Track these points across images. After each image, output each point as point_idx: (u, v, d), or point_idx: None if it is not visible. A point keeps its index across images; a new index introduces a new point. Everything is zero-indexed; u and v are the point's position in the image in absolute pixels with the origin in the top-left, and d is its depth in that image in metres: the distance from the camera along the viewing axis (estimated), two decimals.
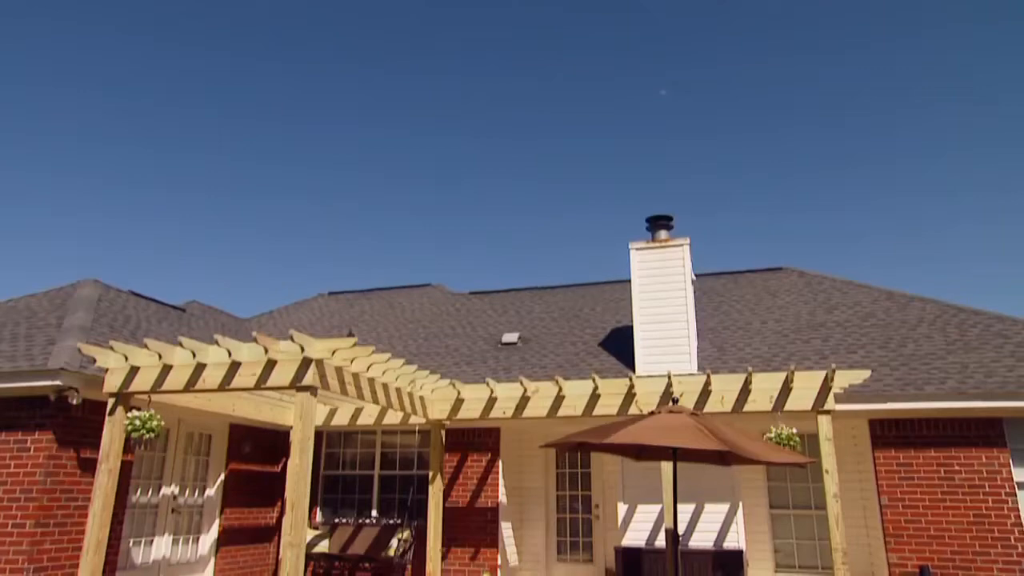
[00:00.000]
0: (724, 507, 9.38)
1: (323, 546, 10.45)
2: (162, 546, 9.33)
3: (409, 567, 10.47)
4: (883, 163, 38.19)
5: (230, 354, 7.26)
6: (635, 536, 9.51)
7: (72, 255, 42.12)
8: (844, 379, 8.12)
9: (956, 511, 8.53)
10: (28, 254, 42.28)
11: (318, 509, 11.42)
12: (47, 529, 7.42)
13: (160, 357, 7.46)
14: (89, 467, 7.87)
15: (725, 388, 8.57)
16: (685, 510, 9.38)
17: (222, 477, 10.41)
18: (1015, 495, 8.40)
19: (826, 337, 11.11)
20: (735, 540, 9.17)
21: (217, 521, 10.26)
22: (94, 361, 7.71)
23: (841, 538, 7.71)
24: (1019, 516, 8.32)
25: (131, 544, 8.84)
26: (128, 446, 7.65)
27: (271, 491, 11.35)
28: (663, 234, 11.45)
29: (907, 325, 11.08)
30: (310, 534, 10.37)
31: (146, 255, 44.21)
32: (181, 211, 44.24)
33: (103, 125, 39.76)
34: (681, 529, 9.38)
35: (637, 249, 11.39)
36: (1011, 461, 8.53)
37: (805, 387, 8.24)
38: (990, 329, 10.40)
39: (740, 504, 9.41)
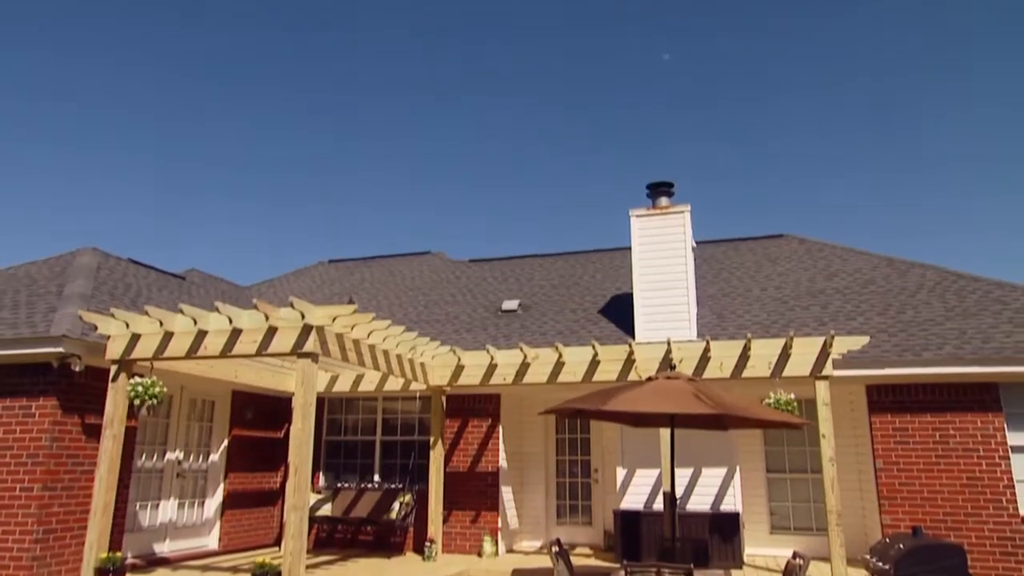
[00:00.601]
0: (722, 471, 9.50)
1: (326, 510, 10.62)
2: (168, 509, 9.48)
3: (411, 530, 10.65)
4: (884, 134, 37.85)
5: (231, 321, 7.30)
6: (633, 500, 9.66)
7: (69, 223, 42.01)
8: (843, 345, 8.17)
9: (949, 474, 8.65)
10: (24, 222, 42.17)
11: (321, 474, 11.58)
12: (55, 492, 7.54)
13: (161, 324, 7.49)
14: (94, 433, 7.96)
15: (724, 354, 8.63)
16: (683, 474, 9.51)
17: (225, 443, 10.54)
18: (1008, 458, 8.50)
19: (825, 304, 11.14)
20: (732, 503, 9.31)
21: (221, 485, 10.41)
22: (95, 328, 7.75)
23: (836, 500, 7.83)
24: (1011, 478, 8.44)
25: (137, 507, 8.99)
26: (132, 412, 7.73)
27: (274, 456, 11.49)
28: (664, 201, 11.40)
29: (906, 292, 11.10)
30: (313, 498, 10.52)
31: (144, 224, 44.09)
32: (179, 180, 44.00)
33: (103, 94, 39.33)
34: (679, 492, 9.52)
35: (638, 216, 11.35)
36: (1006, 425, 8.62)
37: (804, 353, 8.30)
38: (989, 295, 10.42)
39: (737, 468, 9.53)
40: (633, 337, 10.75)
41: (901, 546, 5.46)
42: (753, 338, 8.53)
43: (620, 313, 11.90)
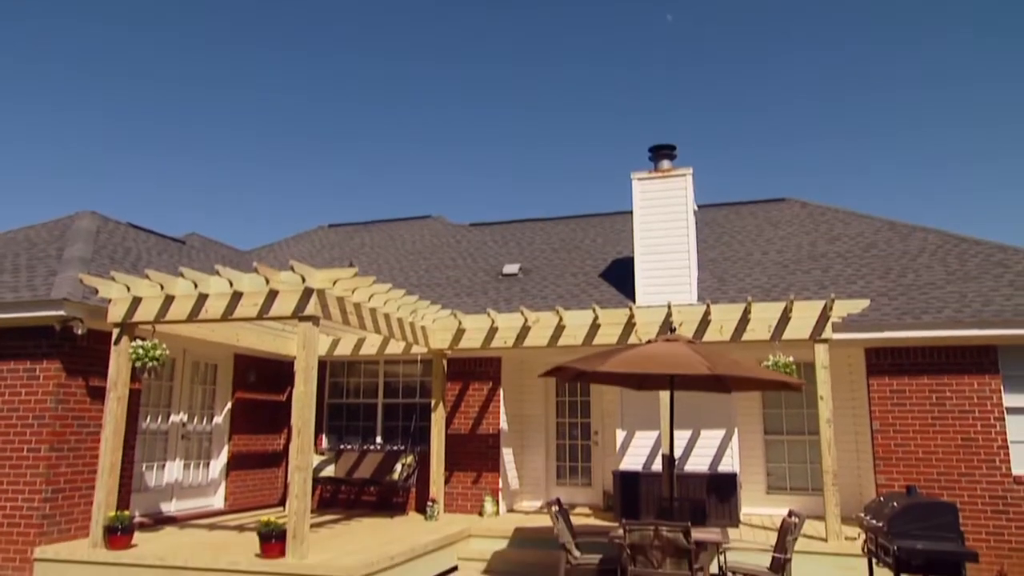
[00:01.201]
0: (720, 433, 9.61)
1: (329, 471, 10.78)
2: (174, 470, 9.62)
3: (413, 490, 10.82)
4: (889, 90, 37.34)
5: (231, 285, 7.31)
6: (633, 461, 9.79)
7: (66, 187, 41.78)
8: (843, 309, 8.19)
9: (945, 435, 8.75)
10: (19, 186, 41.94)
11: (323, 436, 11.72)
12: (62, 453, 7.64)
13: (162, 288, 7.51)
14: (98, 395, 8.04)
15: (724, 318, 8.66)
16: (682, 436, 9.62)
17: (229, 405, 10.64)
18: (1003, 420, 8.59)
19: (826, 268, 11.13)
20: (729, 464, 9.44)
21: (226, 447, 10.55)
22: (96, 292, 7.77)
23: (832, 461, 7.95)
24: (1006, 439, 8.54)
25: (144, 468, 9.12)
26: (135, 375, 7.80)
27: (277, 419, 11.62)
28: (666, 164, 11.32)
29: (908, 255, 11.09)
30: (316, 459, 10.67)
31: (142, 188, 43.86)
32: (177, 144, 43.64)
33: (101, 57, 38.75)
34: (678, 454, 9.64)
35: (639, 179, 11.28)
36: (1002, 387, 8.69)
37: (804, 316, 8.33)
38: (991, 259, 10.41)
39: (736, 430, 9.64)
40: (634, 301, 10.78)
41: (895, 504, 5.55)
42: (753, 302, 8.55)
43: (621, 277, 11.91)
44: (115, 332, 7.73)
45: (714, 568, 7.33)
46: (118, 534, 7.27)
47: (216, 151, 44.67)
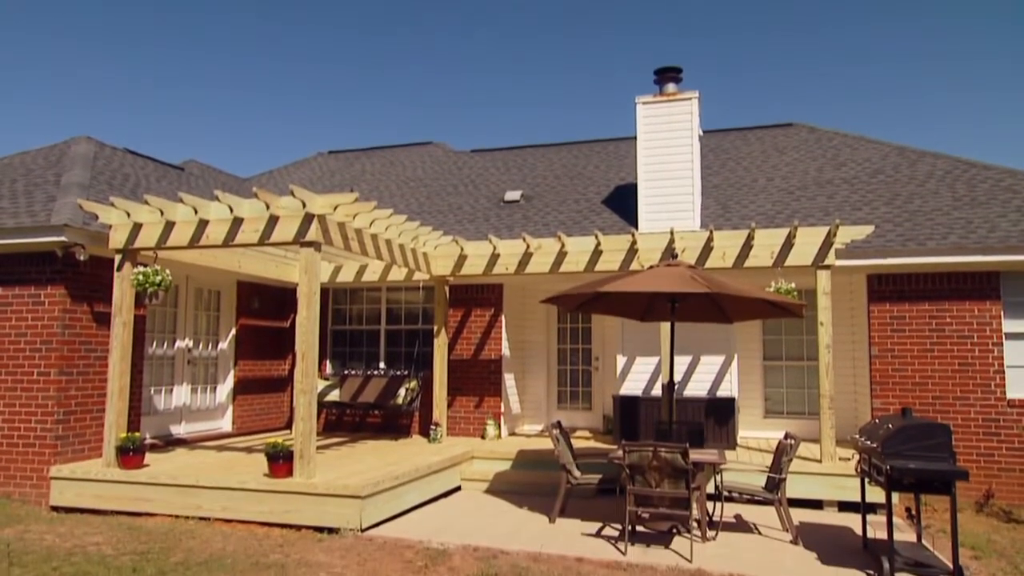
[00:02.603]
0: (719, 359, 9.73)
1: (334, 395, 10.98)
2: (182, 394, 9.81)
3: (417, 414, 11.06)
4: (908, 17, 36.01)
5: (231, 210, 7.25)
6: (633, 386, 9.95)
7: (59, 114, 40.99)
8: (847, 235, 8.13)
9: (942, 360, 8.84)
10: (12, 111, 41.17)
11: (327, 362, 11.89)
12: (71, 377, 7.77)
13: (162, 214, 7.46)
14: (104, 320, 8.11)
15: (727, 244, 8.62)
16: (682, 362, 9.74)
17: (233, 331, 10.75)
18: (1001, 344, 8.66)
19: (832, 194, 11.00)
20: (728, 389, 9.59)
21: (232, 372, 10.72)
22: (96, 218, 7.72)
23: (830, 386, 8.06)
24: (1002, 364, 8.63)
25: (152, 392, 9.29)
26: (139, 301, 7.84)
27: (281, 345, 11.76)
28: (671, 87, 11.03)
29: (915, 181, 10.94)
30: (321, 384, 10.86)
31: (138, 114, 43.03)
32: (173, 70, 42.53)
33: None
34: (677, 379, 9.78)
35: (644, 103, 11.02)
36: (1003, 313, 8.72)
37: (807, 243, 8.28)
38: (1000, 184, 10.27)
39: (735, 356, 9.75)
40: (636, 227, 10.71)
41: (890, 426, 5.66)
42: (757, 228, 8.48)
43: (623, 204, 11.80)
44: (117, 258, 7.73)
45: (711, 488, 7.55)
46: (130, 454, 7.47)
47: (213, 77, 43.62)
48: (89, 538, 6.36)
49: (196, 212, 7.35)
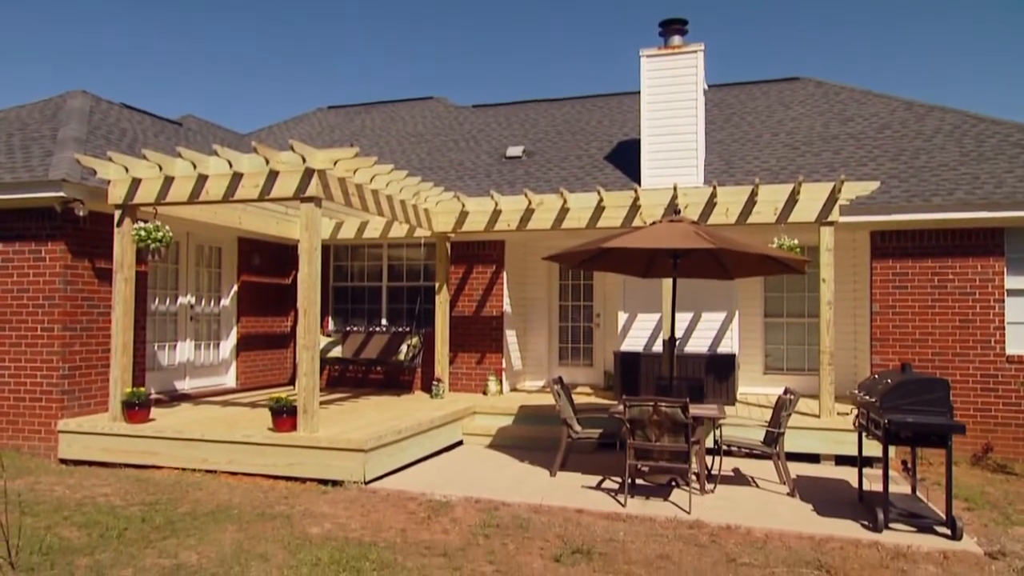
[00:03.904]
0: (721, 316, 9.74)
1: (336, 351, 11.05)
2: (185, 350, 9.87)
3: (419, 370, 11.14)
4: None
5: (231, 165, 7.19)
6: (634, 342, 9.99)
7: (51, 68, 40.33)
8: (851, 191, 8.06)
9: (943, 316, 8.85)
10: (6, 65, 40.53)
11: (329, 318, 11.93)
12: (75, 333, 7.81)
13: (160, 169, 7.39)
14: (105, 276, 8.11)
15: (730, 200, 8.55)
16: (683, 318, 9.76)
17: (235, 288, 10.77)
18: (1003, 301, 8.66)
19: (838, 149, 10.87)
20: (729, 345, 9.63)
21: (235, 329, 10.77)
22: (95, 173, 7.66)
23: (831, 342, 8.10)
24: (1003, 320, 8.64)
25: (156, 348, 9.35)
26: (140, 257, 7.83)
27: (283, 301, 11.79)
28: (676, 40, 10.81)
29: (922, 136, 10.79)
30: (323, 341, 10.92)
31: (134, 68, 42.34)
32: (168, 22, 41.68)
33: None
34: (678, 335, 9.82)
35: (648, 56, 10.81)
36: (1005, 269, 8.69)
37: (811, 199, 8.21)
38: (1008, 139, 10.13)
39: (736, 313, 9.76)
40: (639, 183, 10.62)
41: (889, 381, 5.69)
42: (760, 184, 8.41)
43: (626, 159, 11.68)
44: (117, 214, 7.69)
45: (710, 442, 7.64)
46: (136, 409, 7.55)
47: (209, 32, 42.77)
48: (98, 489, 6.47)
49: (195, 167, 7.28)
